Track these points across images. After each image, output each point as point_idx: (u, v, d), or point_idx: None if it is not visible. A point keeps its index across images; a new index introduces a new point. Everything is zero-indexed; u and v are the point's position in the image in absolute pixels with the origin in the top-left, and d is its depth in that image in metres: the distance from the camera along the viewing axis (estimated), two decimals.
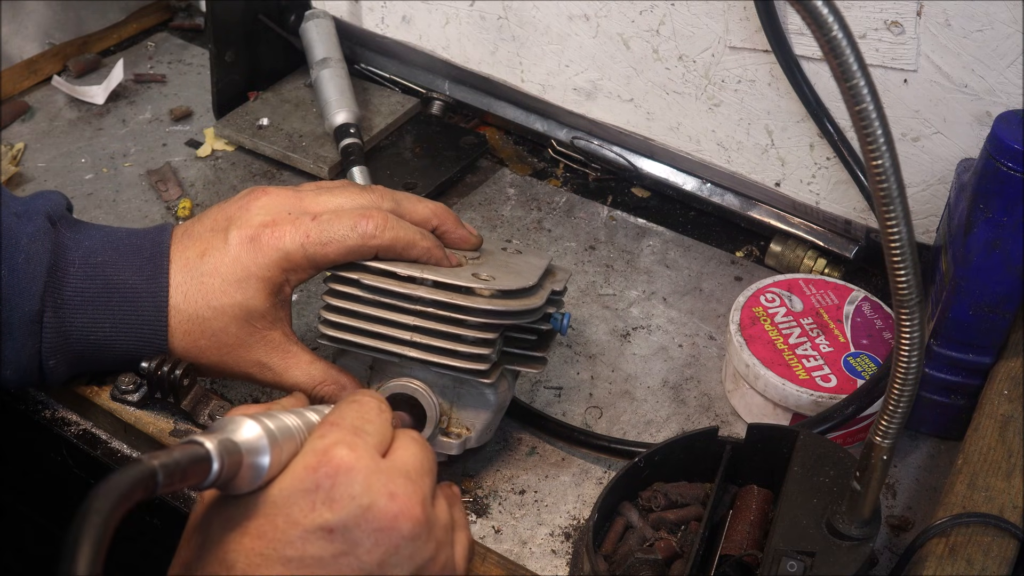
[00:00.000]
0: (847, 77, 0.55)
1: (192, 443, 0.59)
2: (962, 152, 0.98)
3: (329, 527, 0.62)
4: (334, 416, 0.68)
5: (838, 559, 0.74)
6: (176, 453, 0.57)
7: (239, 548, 0.62)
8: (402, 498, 0.65)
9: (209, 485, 0.60)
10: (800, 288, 1.02)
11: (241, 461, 0.61)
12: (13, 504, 1.15)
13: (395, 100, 1.32)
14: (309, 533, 0.62)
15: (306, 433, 0.67)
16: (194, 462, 0.58)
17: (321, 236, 0.83)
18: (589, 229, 1.19)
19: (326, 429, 0.67)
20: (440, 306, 0.83)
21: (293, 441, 0.65)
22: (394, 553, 0.64)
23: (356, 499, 0.63)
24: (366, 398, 0.71)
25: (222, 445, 0.60)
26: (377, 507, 0.63)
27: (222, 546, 0.62)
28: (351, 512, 0.63)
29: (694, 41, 1.08)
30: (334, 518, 0.62)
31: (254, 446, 0.62)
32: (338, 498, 0.63)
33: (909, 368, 0.64)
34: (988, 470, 0.81)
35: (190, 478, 0.58)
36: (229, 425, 0.62)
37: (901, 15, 0.95)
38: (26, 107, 1.32)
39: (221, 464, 0.59)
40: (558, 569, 0.85)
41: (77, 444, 0.94)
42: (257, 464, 0.62)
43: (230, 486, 0.62)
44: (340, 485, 0.63)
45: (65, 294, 0.84)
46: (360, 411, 0.69)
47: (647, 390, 1.01)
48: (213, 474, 0.59)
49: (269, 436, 0.63)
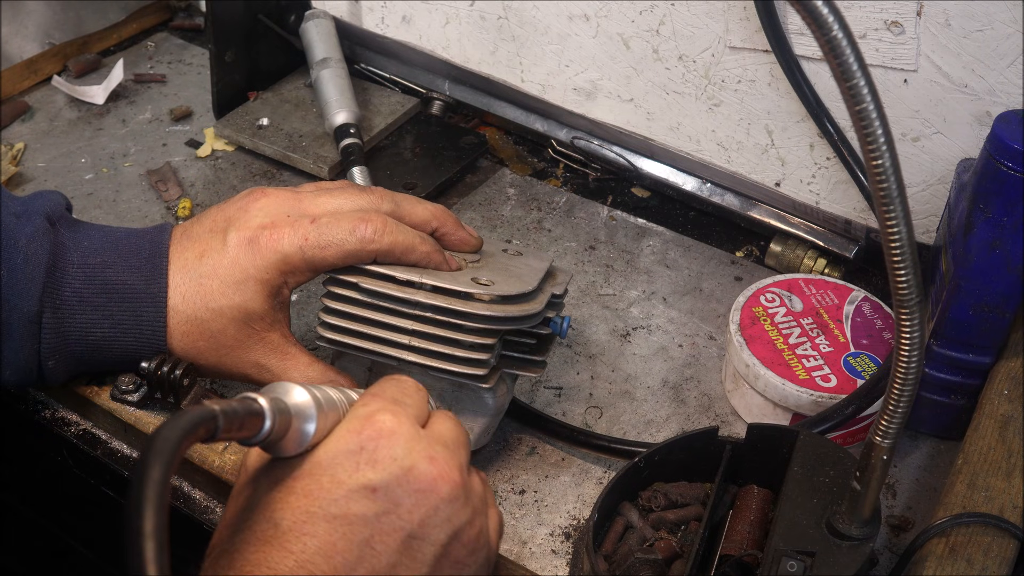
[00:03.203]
0: (847, 77, 0.55)
1: (247, 399, 0.62)
2: (962, 152, 0.98)
3: (372, 486, 0.65)
4: (375, 389, 0.72)
5: (838, 559, 0.74)
6: (235, 404, 0.60)
7: (285, 506, 0.64)
8: (441, 462, 0.67)
9: (259, 441, 0.62)
10: (800, 288, 1.02)
11: (290, 423, 0.64)
12: (13, 504, 1.15)
13: (395, 100, 1.32)
14: (353, 492, 0.64)
15: (347, 406, 0.70)
16: (250, 415, 0.61)
17: (320, 239, 0.83)
18: (589, 229, 1.19)
19: (368, 399, 0.70)
20: (438, 311, 0.83)
21: (336, 412, 0.68)
22: (433, 514, 0.66)
23: (398, 460, 0.66)
24: (404, 378, 0.74)
25: (275, 404, 0.63)
26: (418, 469, 0.66)
27: (269, 504, 0.64)
28: (393, 472, 0.66)
29: (694, 41, 1.08)
30: (377, 477, 0.65)
31: (303, 411, 0.65)
32: (381, 459, 0.66)
33: (909, 368, 0.64)
34: (988, 470, 0.81)
35: (245, 429, 0.61)
36: (280, 389, 0.65)
37: (901, 15, 0.95)
38: (26, 107, 1.32)
39: (273, 421, 0.62)
40: (558, 569, 0.85)
41: (77, 444, 0.94)
42: (304, 429, 0.65)
43: (276, 447, 0.65)
44: (383, 447, 0.66)
45: (64, 295, 0.84)
46: (400, 386, 0.72)
47: (647, 390, 1.01)
48: (265, 430, 0.62)
49: (316, 403, 0.66)
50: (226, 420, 0.58)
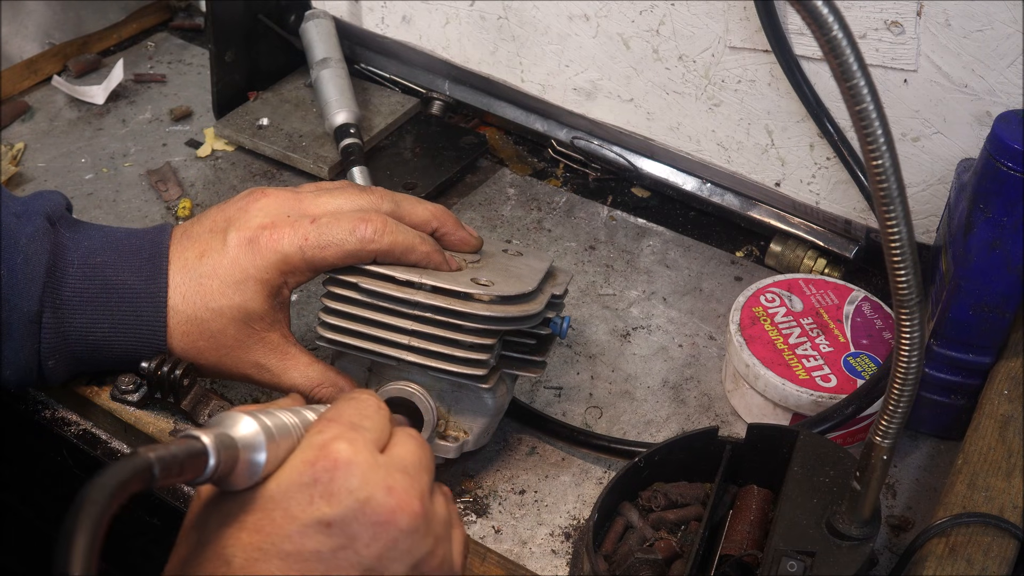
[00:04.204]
0: (847, 77, 0.55)
1: (189, 437, 0.59)
2: (962, 152, 0.98)
3: (327, 521, 0.62)
4: (332, 412, 0.68)
5: (838, 559, 0.74)
6: (173, 447, 0.57)
7: (236, 543, 0.61)
8: (400, 492, 0.64)
9: (205, 480, 0.60)
10: (800, 288, 1.02)
11: (237, 456, 0.61)
12: (13, 504, 1.15)
13: (395, 100, 1.32)
14: (307, 527, 0.62)
15: (303, 431, 0.67)
16: (191, 456, 0.58)
17: (319, 239, 0.83)
18: (589, 229, 1.19)
19: (324, 425, 0.66)
20: (438, 311, 0.83)
21: (290, 438, 0.65)
22: (392, 547, 0.64)
23: (354, 493, 0.63)
24: (364, 395, 0.71)
25: (219, 440, 0.60)
26: (375, 501, 0.63)
27: (219, 542, 0.62)
28: (349, 506, 0.62)
29: (694, 41, 1.08)
30: (332, 512, 0.62)
31: (251, 442, 0.62)
32: (336, 492, 0.63)
33: (909, 368, 0.64)
34: (988, 470, 0.81)
35: (187, 472, 0.58)
36: (226, 421, 0.62)
37: (901, 15, 0.95)
38: (26, 107, 1.32)
39: (218, 459, 0.59)
40: (558, 569, 0.85)
41: (77, 444, 0.94)
42: (253, 460, 0.62)
43: (227, 482, 0.62)
44: (338, 479, 0.63)
45: (64, 295, 0.84)
46: (358, 407, 0.69)
47: (647, 390, 1.01)
48: (210, 469, 0.59)
49: (266, 432, 0.63)
50: (163, 468, 0.55)
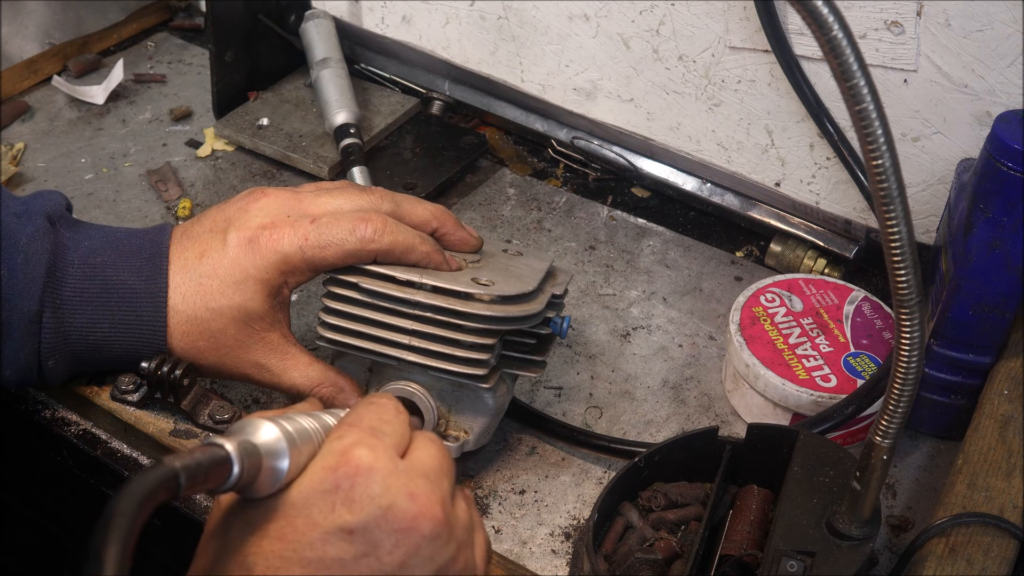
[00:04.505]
0: (847, 77, 0.55)
1: (212, 445, 0.58)
2: (962, 152, 0.98)
3: (349, 528, 0.62)
4: (352, 417, 0.68)
5: (838, 559, 0.74)
6: (197, 455, 0.57)
7: (259, 551, 0.61)
8: (422, 498, 0.64)
9: (229, 488, 0.59)
10: (800, 288, 1.02)
11: (261, 464, 0.60)
12: (13, 504, 1.15)
13: (395, 100, 1.32)
14: (329, 534, 0.61)
15: (323, 435, 0.66)
16: (215, 464, 0.57)
17: (319, 239, 0.83)
18: (589, 229, 1.19)
19: (344, 430, 0.66)
20: (438, 311, 0.83)
21: (311, 443, 0.64)
22: (415, 554, 0.63)
23: (376, 500, 0.62)
24: (383, 399, 0.71)
25: (242, 447, 0.59)
26: (397, 507, 0.63)
27: (241, 549, 0.62)
28: (371, 513, 0.62)
29: (694, 41, 1.08)
30: (354, 519, 0.62)
31: (273, 448, 0.61)
32: (358, 499, 0.62)
33: (909, 368, 0.64)
34: (988, 470, 0.81)
35: (211, 480, 0.57)
36: (247, 427, 0.62)
37: (901, 15, 0.95)
38: (26, 107, 1.32)
39: (241, 466, 0.59)
40: (558, 569, 0.85)
41: (77, 444, 0.94)
42: (276, 467, 0.61)
43: (250, 489, 0.62)
44: (360, 486, 0.62)
45: (64, 294, 0.84)
46: (378, 412, 0.68)
47: (647, 390, 1.01)
48: (234, 477, 0.58)
49: (288, 438, 0.62)
50: (188, 476, 0.54)
